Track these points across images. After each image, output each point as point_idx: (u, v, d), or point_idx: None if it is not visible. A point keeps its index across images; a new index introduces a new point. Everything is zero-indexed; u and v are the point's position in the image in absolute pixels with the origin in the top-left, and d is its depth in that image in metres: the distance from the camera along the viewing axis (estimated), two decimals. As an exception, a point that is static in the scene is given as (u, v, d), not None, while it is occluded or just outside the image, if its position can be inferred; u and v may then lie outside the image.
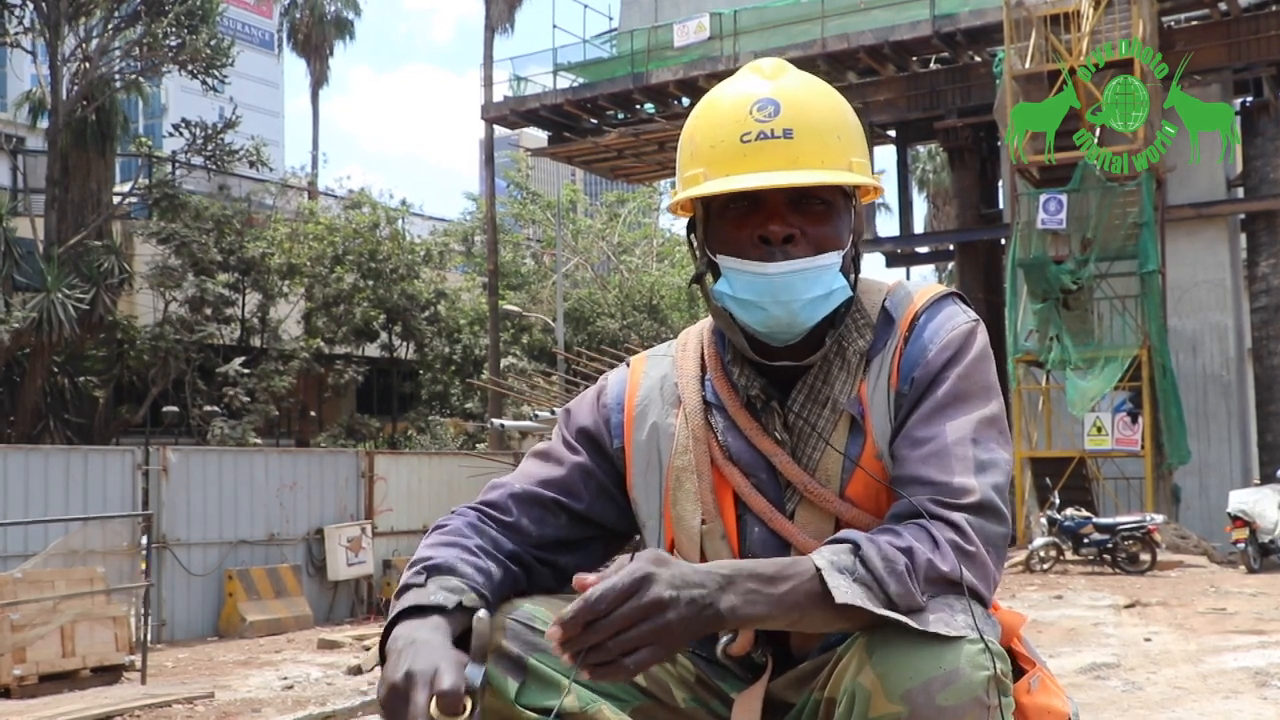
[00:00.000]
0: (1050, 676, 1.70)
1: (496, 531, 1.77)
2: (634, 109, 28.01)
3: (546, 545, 1.80)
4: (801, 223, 1.69)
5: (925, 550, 1.52)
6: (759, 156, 1.67)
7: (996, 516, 1.61)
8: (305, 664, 10.89)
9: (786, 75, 1.74)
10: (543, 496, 1.82)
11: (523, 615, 1.68)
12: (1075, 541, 15.83)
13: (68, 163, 25.93)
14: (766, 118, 1.68)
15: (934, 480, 1.61)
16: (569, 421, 1.89)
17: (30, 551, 11.32)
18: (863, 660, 1.48)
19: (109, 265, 25.66)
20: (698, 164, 1.72)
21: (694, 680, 1.79)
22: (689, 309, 33.68)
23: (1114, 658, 8.05)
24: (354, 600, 16.13)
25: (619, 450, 1.85)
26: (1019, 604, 11.31)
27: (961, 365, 1.70)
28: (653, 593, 1.42)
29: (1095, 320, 20.14)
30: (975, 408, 1.68)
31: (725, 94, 1.75)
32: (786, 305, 1.68)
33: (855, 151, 1.73)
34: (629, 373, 1.91)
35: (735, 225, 1.71)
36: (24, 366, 25.35)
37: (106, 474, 13.74)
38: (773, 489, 1.74)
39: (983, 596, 1.55)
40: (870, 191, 1.78)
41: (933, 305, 1.78)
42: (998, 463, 1.65)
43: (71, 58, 26.14)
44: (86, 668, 9.94)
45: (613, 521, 1.86)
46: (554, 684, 1.64)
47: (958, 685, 1.42)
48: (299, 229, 31.60)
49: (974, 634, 1.46)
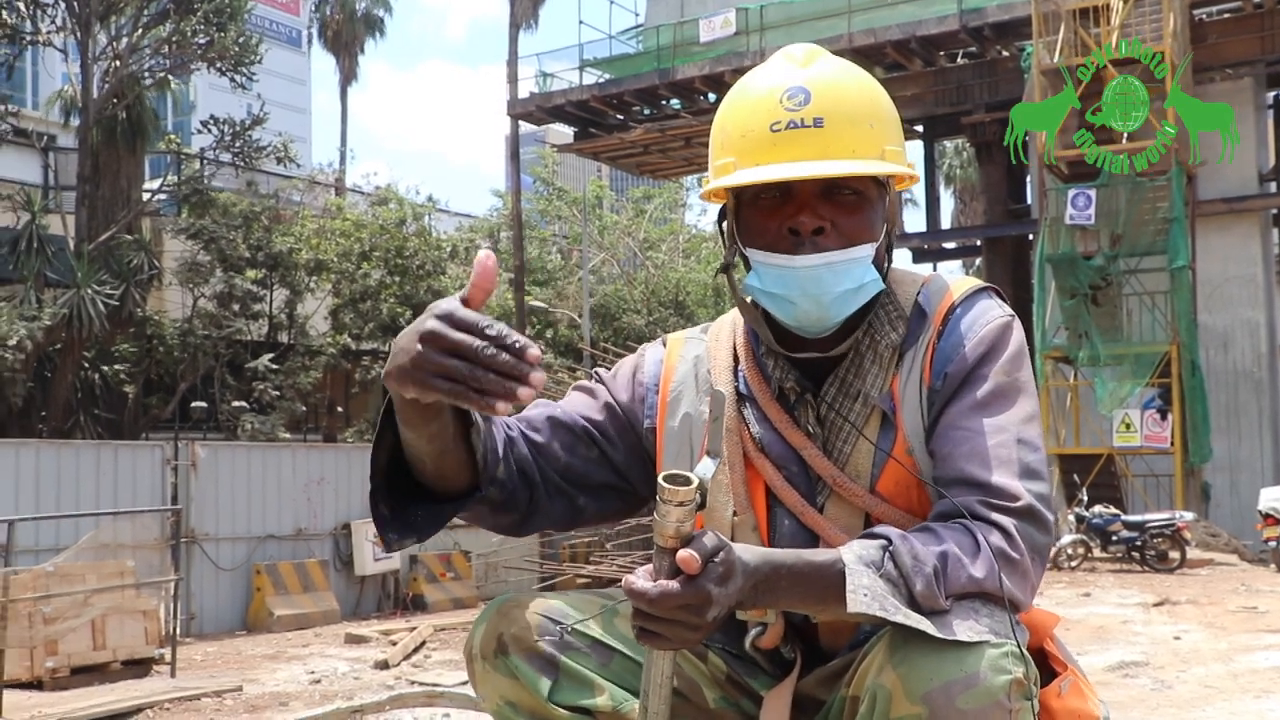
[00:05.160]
0: (1083, 679, 1.68)
1: (525, 447, 1.76)
2: (660, 104, 27.98)
3: (569, 476, 1.79)
4: (832, 214, 1.66)
5: (962, 554, 1.50)
6: (789, 146, 1.64)
7: (1042, 525, 1.59)
8: (332, 658, 10.92)
9: (819, 62, 1.71)
10: (577, 426, 1.81)
11: (555, 612, 1.67)
12: (1103, 539, 15.72)
13: (98, 160, 26.13)
14: (797, 106, 1.65)
15: (979, 481, 1.58)
16: (607, 386, 1.89)
17: (62, 545, 11.41)
18: (885, 660, 1.47)
19: (139, 261, 25.83)
20: (728, 152, 1.70)
21: (724, 678, 1.78)
22: (715, 305, 33.63)
23: (1143, 656, 7.98)
24: (380, 595, 16.18)
25: (650, 431, 1.84)
26: (1046, 601, 11.24)
27: (1000, 361, 1.68)
28: (710, 616, 1.42)
29: (1124, 316, 19.98)
30: (1016, 405, 1.65)
31: (756, 81, 1.73)
32: (816, 299, 1.65)
33: (889, 139, 1.70)
34: (665, 353, 1.89)
35: (765, 216, 1.69)
36: (55, 362, 25.54)
37: (136, 469, 13.83)
38: (804, 482, 1.73)
39: (1019, 605, 1.53)
40: (905, 179, 1.74)
41: (968, 299, 1.76)
42: (1044, 469, 1.63)
43: (102, 56, 26.30)
44: (117, 660, 10.00)
45: (636, 480, 1.85)
46: (587, 683, 1.63)
47: (978, 689, 1.41)
48: (326, 225, 31.68)
49: (997, 638, 1.44)
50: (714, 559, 1.41)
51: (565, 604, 1.69)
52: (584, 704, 1.64)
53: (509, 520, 1.76)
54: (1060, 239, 19.48)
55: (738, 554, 1.44)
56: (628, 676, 1.68)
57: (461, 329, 1.36)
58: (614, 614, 1.72)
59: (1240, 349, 21.38)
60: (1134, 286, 19.88)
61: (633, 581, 1.40)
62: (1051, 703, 1.58)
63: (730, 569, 1.42)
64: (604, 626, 1.71)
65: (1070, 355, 19.55)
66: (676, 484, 1.41)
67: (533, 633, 1.64)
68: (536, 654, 1.63)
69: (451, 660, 9.86)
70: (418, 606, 15.65)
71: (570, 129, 30.00)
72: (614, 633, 1.71)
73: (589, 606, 1.72)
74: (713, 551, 1.41)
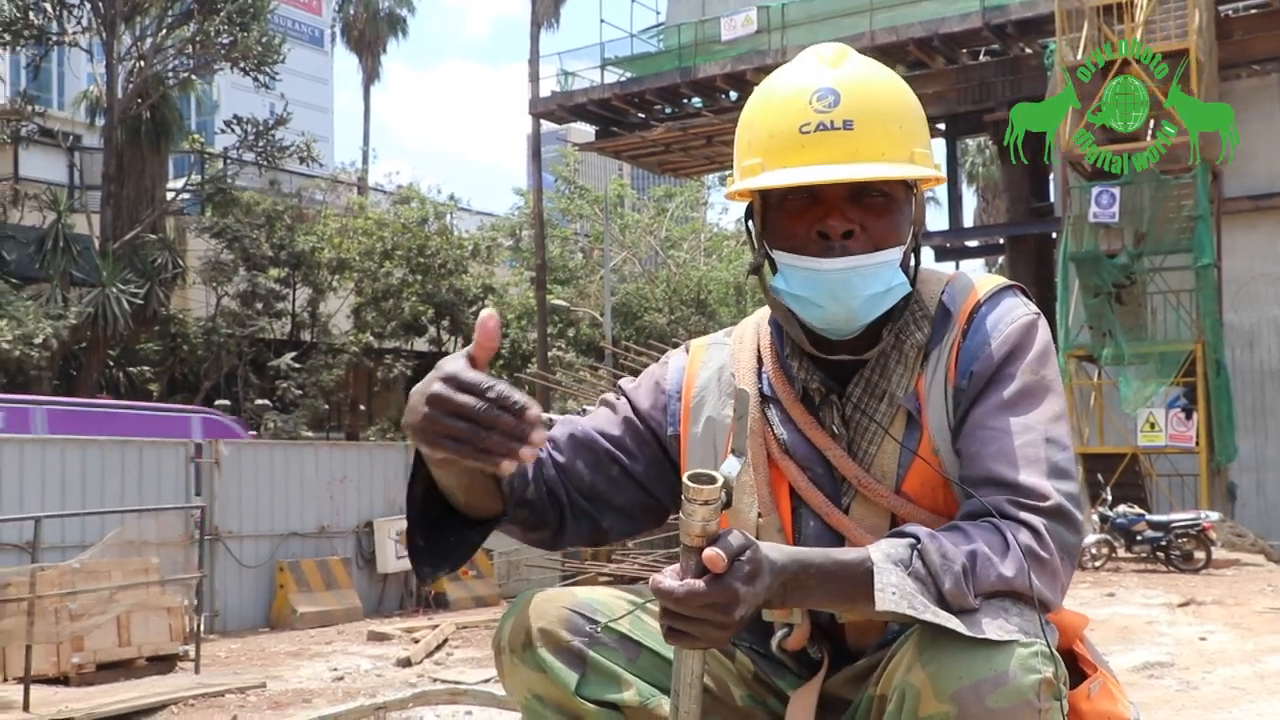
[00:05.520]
0: (1114, 681, 1.67)
1: (552, 469, 1.81)
2: (681, 103, 27.96)
3: (593, 496, 1.81)
4: (861, 217, 1.66)
5: (991, 553, 1.50)
6: (818, 148, 1.63)
7: (1072, 524, 1.58)
8: (355, 655, 10.95)
9: (848, 62, 1.71)
10: (599, 445, 1.83)
11: (584, 607, 1.68)
12: (1128, 539, 15.64)
13: (123, 160, 26.30)
14: (826, 108, 1.65)
15: (1008, 480, 1.58)
16: (629, 396, 1.90)
17: (87, 542, 11.46)
18: (914, 658, 1.47)
19: (163, 260, 26.00)
20: (755, 153, 1.70)
21: (751, 677, 1.79)
22: (737, 304, 33.60)
23: (1168, 657, 7.94)
24: (403, 593, 16.22)
25: (674, 438, 1.85)
26: (1070, 601, 11.14)
27: (1026, 360, 1.67)
28: (737, 614, 1.42)
29: (1149, 315, 19.87)
30: (1044, 404, 1.65)
31: (785, 81, 1.72)
32: (844, 303, 1.65)
33: (917, 141, 1.70)
34: (688, 360, 1.90)
35: (793, 219, 1.69)
36: (81, 361, 25.72)
37: (161, 466, 13.90)
38: (828, 484, 1.73)
39: (1048, 604, 1.53)
40: (931, 180, 1.74)
41: (993, 297, 1.75)
42: (1072, 469, 1.62)
43: (127, 56, 26.47)
44: (142, 657, 10.06)
45: (660, 492, 1.85)
46: (615, 677, 1.64)
47: (1008, 688, 1.41)
48: (348, 224, 31.78)
49: (1026, 637, 1.44)
50: (740, 557, 1.41)
51: (593, 599, 1.70)
52: (611, 698, 1.64)
53: (539, 538, 1.81)
54: (1084, 237, 19.39)
55: (764, 552, 1.44)
56: (655, 672, 1.69)
57: (464, 391, 1.43)
58: (642, 610, 1.72)
59: (1266, 347, 21.24)
60: (1158, 285, 19.77)
61: (660, 580, 1.41)
62: (1081, 704, 1.58)
63: (757, 567, 1.43)
64: (631, 622, 1.71)
65: (1094, 354, 19.46)
66: (701, 483, 1.42)
67: (561, 627, 1.65)
68: (564, 648, 1.64)
69: (474, 658, 9.88)
70: (440, 604, 15.67)
71: (592, 128, 30.02)
72: (641, 629, 1.71)
73: (616, 602, 1.73)
74: (739, 550, 1.41)
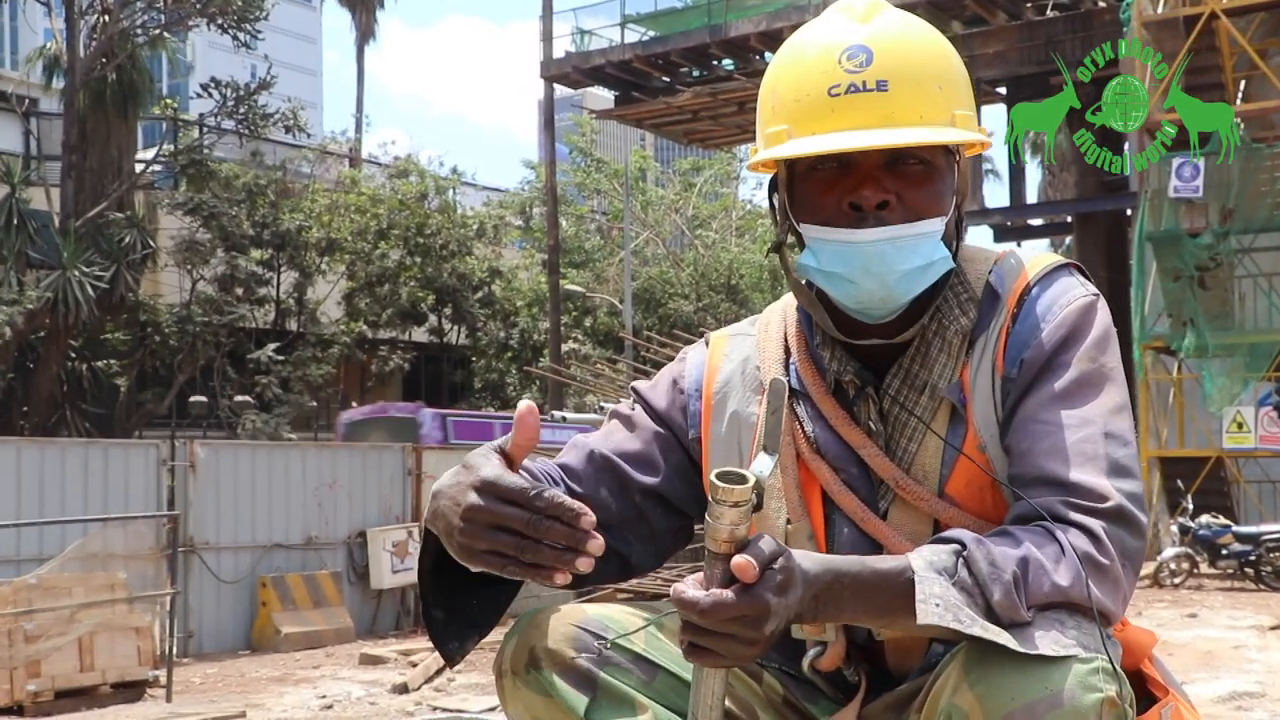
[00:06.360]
0: (1189, 707, 1.67)
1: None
2: (711, 65, 27.93)
3: (622, 527, 1.80)
4: (897, 186, 1.66)
5: (1045, 560, 1.50)
6: (849, 112, 1.64)
7: (1134, 528, 1.58)
8: (345, 681, 11.01)
9: (881, 16, 1.71)
10: (621, 470, 1.83)
11: (593, 624, 1.68)
12: (1212, 553, 15.59)
13: (85, 127, 26.36)
14: (857, 68, 1.65)
15: (1063, 479, 1.58)
16: (645, 400, 1.90)
17: (46, 555, 11.54)
18: (961, 677, 1.46)
19: (131, 240, 26.07)
20: (780, 119, 1.70)
21: (780, 701, 1.79)
22: (771, 289, 33.56)
23: (1258, 686, 7.91)
24: (399, 611, 16.28)
25: (695, 441, 1.85)
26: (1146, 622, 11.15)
27: (1083, 346, 1.67)
28: (767, 629, 1.42)
29: (1236, 301, 19.77)
30: (1102, 395, 1.65)
31: (812, 39, 1.73)
32: (880, 278, 1.65)
33: (959, 103, 1.70)
34: (708, 354, 1.90)
35: (822, 189, 1.69)
36: (39, 352, 25.85)
37: (129, 469, 13.95)
38: (864, 486, 1.73)
39: (1109, 616, 1.53)
40: (976, 146, 1.74)
41: (1045, 277, 1.74)
42: (1135, 466, 1.62)
43: (90, 10, 26.55)
44: (106, 683, 10.12)
45: (689, 506, 1.86)
46: (628, 701, 1.65)
47: (1065, 709, 1.40)
48: (339, 200, 31.91)
49: (1085, 652, 1.44)
50: (772, 565, 1.41)
51: (603, 615, 1.70)
52: (624, 722, 1.65)
53: (563, 583, 1.81)
54: (1163, 214, 19.28)
55: (797, 561, 1.45)
56: (672, 695, 1.69)
57: (507, 502, 1.45)
58: (659, 627, 1.73)
59: (1369, 338, 21.08)
60: (1247, 267, 19.66)
61: (682, 590, 1.41)
62: (1151, 733, 1.58)
63: (790, 577, 1.42)
64: (647, 641, 1.71)
65: (1173, 345, 19.35)
66: (731, 482, 1.41)
67: (568, 646, 1.65)
68: (573, 669, 1.64)
69: (478, 684, 9.91)
70: (440, 624, 15.75)
71: (611, 93, 30.03)
72: (658, 647, 1.71)
73: (630, 619, 1.72)
74: (771, 558, 1.41)
